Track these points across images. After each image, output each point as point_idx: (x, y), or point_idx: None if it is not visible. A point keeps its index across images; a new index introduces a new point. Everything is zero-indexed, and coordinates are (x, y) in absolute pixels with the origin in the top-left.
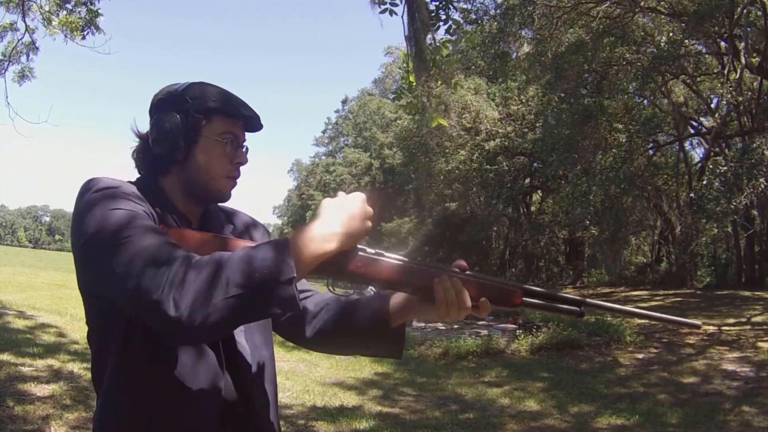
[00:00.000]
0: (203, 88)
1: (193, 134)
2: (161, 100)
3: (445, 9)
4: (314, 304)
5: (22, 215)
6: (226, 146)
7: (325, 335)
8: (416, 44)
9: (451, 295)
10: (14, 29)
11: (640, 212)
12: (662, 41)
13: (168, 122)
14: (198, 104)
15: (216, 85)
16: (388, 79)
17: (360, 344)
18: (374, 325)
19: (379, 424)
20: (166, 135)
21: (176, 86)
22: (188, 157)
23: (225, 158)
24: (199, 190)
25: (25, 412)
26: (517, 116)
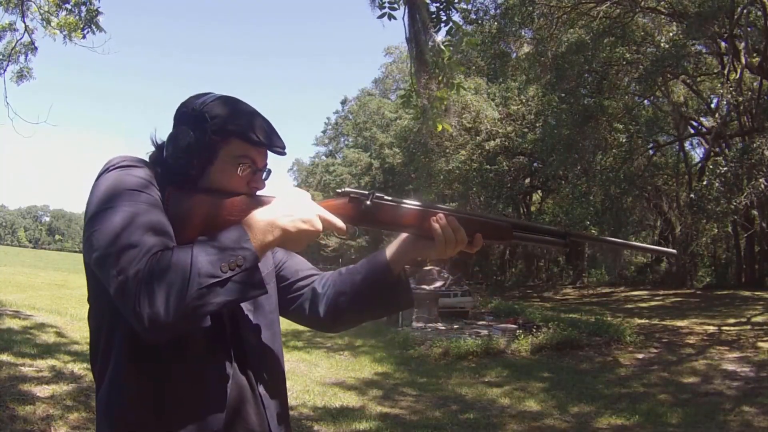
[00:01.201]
0: (227, 108)
1: (209, 155)
2: (183, 114)
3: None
4: (321, 285)
5: (22, 215)
6: (242, 170)
7: (338, 307)
8: (417, 46)
9: (449, 233)
10: (13, 29)
11: (640, 212)
12: (662, 41)
13: (183, 139)
14: (217, 125)
15: (244, 103)
16: (388, 79)
17: (371, 304)
18: (377, 276)
19: (380, 425)
20: (181, 152)
21: (200, 100)
22: (202, 175)
23: (240, 181)
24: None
25: (25, 413)
26: (517, 116)
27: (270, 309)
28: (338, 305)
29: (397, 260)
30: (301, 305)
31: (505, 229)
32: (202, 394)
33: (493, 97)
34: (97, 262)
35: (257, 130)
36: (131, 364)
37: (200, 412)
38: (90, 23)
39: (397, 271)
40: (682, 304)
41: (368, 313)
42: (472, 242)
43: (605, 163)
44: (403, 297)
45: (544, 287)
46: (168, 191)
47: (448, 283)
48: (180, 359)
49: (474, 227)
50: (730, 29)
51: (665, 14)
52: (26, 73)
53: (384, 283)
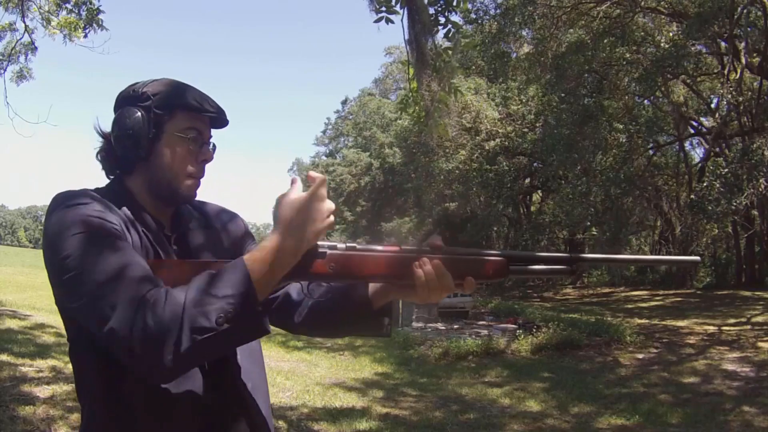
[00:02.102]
0: (165, 84)
1: (156, 130)
2: (124, 98)
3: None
4: (296, 291)
5: (22, 215)
6: (190, 143)
7: (312, 320)
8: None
9: (432, 280)
10: (13, 29)
11: (640, 212)
12: (662, 41)
13: (129, 119)
14: (159, 100)
15: (180, 80)
16: (388, 79)
17: (346, 327)
18: (357, 309)
19: (380, 425)
20: (128, 132)
21: (139, 84)
22: (151, 154)
23: (189, 156)
24: (163, 190)
25: (26, 414)
26: (517, 116)
27: None
28: (314, 319)
29: (377, 298)
30: (277, 309)
31: (499, 265)
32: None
33: (493, 97)
34: (79, 313)
35: (199, 100)
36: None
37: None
38: (91, 22)
39: (377, 306)
40: (682, 304)
41: (343, 333)
42: (462, 285)
43: (605, 163)
44: (379, 329)
45: (544, 287)
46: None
47: None
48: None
49: (464, 269)
50: (730, 29)
51: (665, 14)
52: (26, 73)
53: (362, 314)
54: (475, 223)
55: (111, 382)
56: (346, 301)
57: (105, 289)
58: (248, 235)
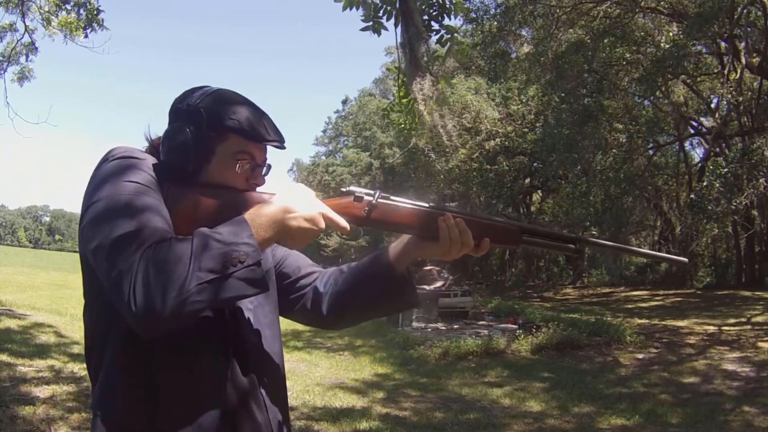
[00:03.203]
0: (223, 102)
1: (205, 152)
2: (178, 110)
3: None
4: (323, 283)
5: (22, 215)
6: (241, 166)
7: (340, 306)
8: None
9: (455, 234)
10: (14, 29)
11: (640, 212)
12: (662, 41)
13: (179, 137)
14: (213, 121)
15: (241, 95)
16: (388, 79)
17: (374, 302)
18: (380, 275)
19: (381, 425)
20: (176, 149)
21: (196, 94)
22: (199, 171)
23: (239, 178)
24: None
25: (26, 414)
26: (517, 116)
27: (270, 308)
28: (341, 304)
29: (400, 260)
30: (304, 304)
31: (513, 233)
32: (197, 392)
33: (493, 97)
34: (93, 253)
35: (255, 125)
36: (125, 363)
37: (195, 411)
38: (91, 22)
39: (400, 271)
40: (682, 304)
41: (371, 312)
42: (478, 245)
43: (605, 163)
44: (406, 297)
45: (544, 287)
46: (167, 187)
47: (448, 283)
48: (174, 355)
49: (482, 230)
50: (730, 29)
51: (665, 14)
52: (27, 73)
53: (387, 282)
54: None
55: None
56: (370, 274)
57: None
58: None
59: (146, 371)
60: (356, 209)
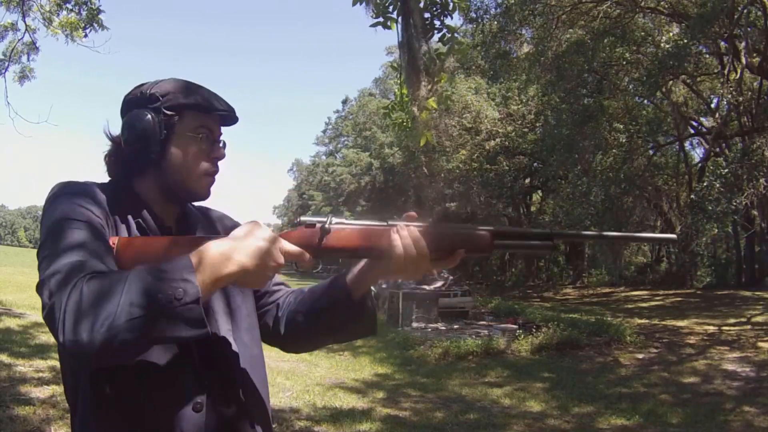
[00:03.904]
0: (173, 84)
1: (167, 132)
2: (131, 100)
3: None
4: (284, 302)
5: (22, 215)
6: (201, 142)
7: (296, 328)
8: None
9: (409, 245)
10: (15, 29)
11: (640, 212)
12: (663, 41)
13: (139, 121)
14: (169, 101)
15: (188, 80)
16: (388, 79)
17: (331, 327)
18: (337, 300)
19: (381, 425)
20: (139, 135)
21: (146, 84)
22: (163, 155)
23: (201, 154)
24: (177, 190)
25: (25, 414)
26: (517, 116)
27: (248, 312)
28: (297, 325)
29: (357, 284)
30: (266, 322)
31: (483, 238)
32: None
33: (493, 96)
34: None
35: (208, 98)
36: (98, 397)
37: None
38: (92, 21)
39: (358, 295)
40: (682, 304)
41: (326, 337)
42: (448, 257)
43: (605, 163)
44: (363, 325)
45: (544, 287)
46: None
47: (448, 283)
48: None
49: (449, 240)
50: (730, 29)
51: (665, 14)
52: (28, 73)
53: (345, 308)
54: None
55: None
56: (327, 298)
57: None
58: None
59: (119, 405)
60: (310, 238)
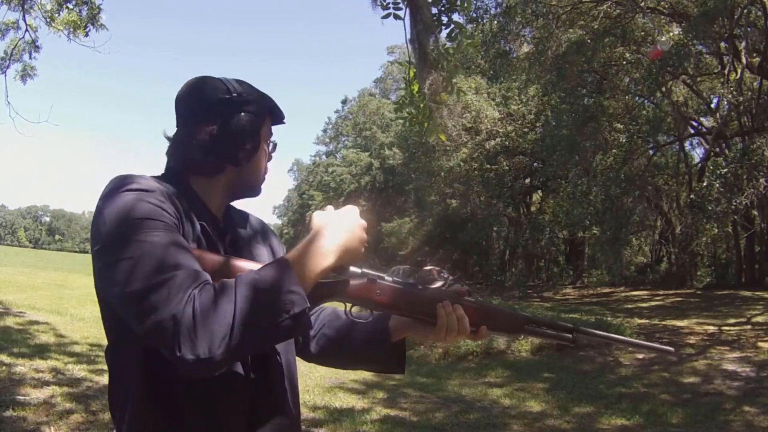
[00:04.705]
0: (253, 89)
1: (258, 136)
2: (227, 99)
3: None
4: (316, 319)
5: (22, 215)
6: (271, 148)
7: (329, 352)
8: (419, 47)
9: (453, 321)
10: (16, 27)
11: (641, 212)
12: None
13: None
14: (257, 106)
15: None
16: (388, 78)
17: (362, 361)
18: (374, 342)
19: (382, 426)
20: (239, 133)
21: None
22: (251, 156)
23: (267, 157)
24: (246, 189)
25: (25, 414)
26: (517, 116)
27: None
28: (331, 351)
29: (399, 329)
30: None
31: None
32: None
33: (493, 96)
34: (120, 300)
35: (280, 110)
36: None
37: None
38: (92, 21)
39: (396, 339)
40: (682, 304)
41: (356, 366)
42: (476, 332)
43: (605, 163)
44: (393, 365)
45: (544, 287)
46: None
47: (449, 283)
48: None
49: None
50: (730, 29)
51: (665, 14)
52: (29, 71)
53: (381, 347)
54: (475, 223)
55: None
56: (365, 335)
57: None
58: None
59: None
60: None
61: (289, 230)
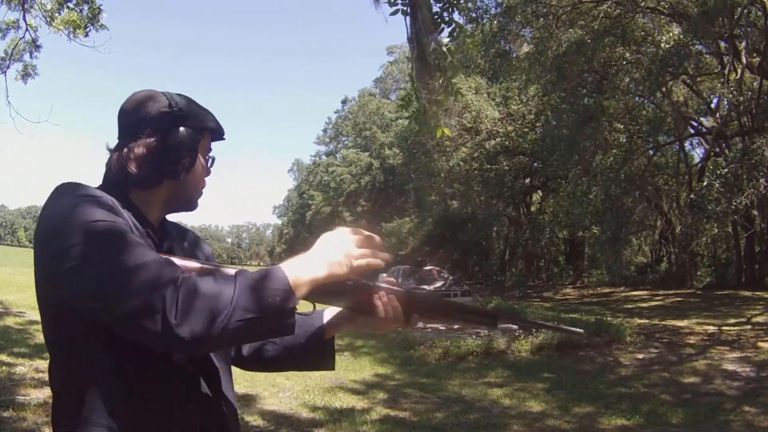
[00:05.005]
0: (193, 103)
1: (196, 151)
2: (167, 113)
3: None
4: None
5: (22, 215)
6: (209, 162)
7: (261, 353)
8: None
9: (389, 310)
10: (16, 27)
11: (641, 212)
12: (663, 41)
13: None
14: (195, 121)
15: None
16: (388, 79)
17: (295, 360)
18: (309, 340)
19: (382, 426)
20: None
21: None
22: (189, 170)
23: (205, 172)
24: (183, 203)
25: (24, 414)
26: (517, 116)
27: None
28: (263, 352)
29: (333, 326)
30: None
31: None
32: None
33: (493, 96)
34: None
35: (220, 126)
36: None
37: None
38: (93, 21)
39: (329, 336)
40: (683, 304)
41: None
42: (408, 320)
43: (605, 162)
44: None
45: (544, 287)
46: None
47: (448, 283)
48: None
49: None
50: (730, 29)
51: (665, 14)
52: (30, 71)
53: (316, 346)
54: (475, 223)
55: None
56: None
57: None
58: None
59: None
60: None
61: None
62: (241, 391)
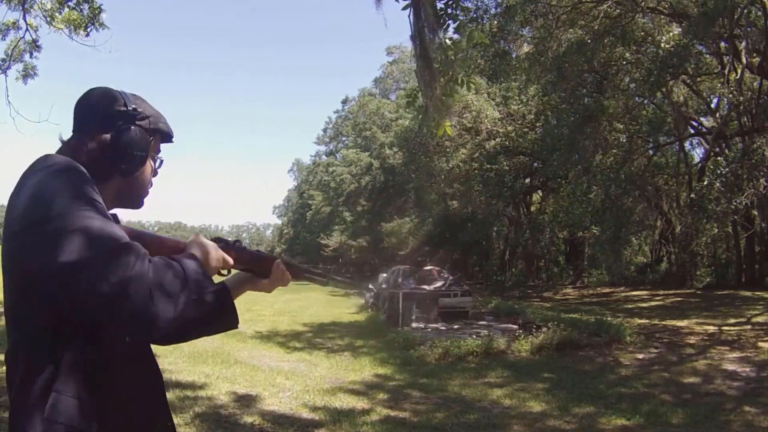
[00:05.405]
0: (150, 108)
1: (147, 151)
2: (123, 112)
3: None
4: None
5: None
6: (157, 163)
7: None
8: (421, 43)
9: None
10: (17, 27)
11: (641, 212)
12: (663, 41)
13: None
14: (151, 122)
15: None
16: (389, 78)
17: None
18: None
19: (382, 426)
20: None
21: (124, 97)
22: (138, 168)
23: (153, 172)
24: (131, 199)
25: None
26: (517, 116)
27: None
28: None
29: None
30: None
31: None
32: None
33: (493, 96)
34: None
35: (171, 130)
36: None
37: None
38: (93, 20)
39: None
40: (683, 304)
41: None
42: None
43: (606, 162)
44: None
45: (544, 287)
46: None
47: (448, 283)
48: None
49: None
50: (730, 29)
51: (665, 14)
52: (30, 71)
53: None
54: (475, 223)
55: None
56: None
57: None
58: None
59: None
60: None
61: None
62: (241, 391)
